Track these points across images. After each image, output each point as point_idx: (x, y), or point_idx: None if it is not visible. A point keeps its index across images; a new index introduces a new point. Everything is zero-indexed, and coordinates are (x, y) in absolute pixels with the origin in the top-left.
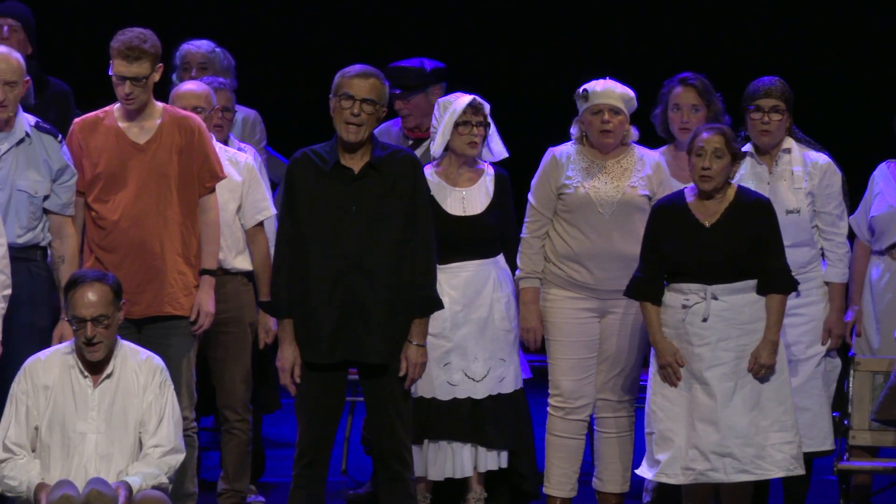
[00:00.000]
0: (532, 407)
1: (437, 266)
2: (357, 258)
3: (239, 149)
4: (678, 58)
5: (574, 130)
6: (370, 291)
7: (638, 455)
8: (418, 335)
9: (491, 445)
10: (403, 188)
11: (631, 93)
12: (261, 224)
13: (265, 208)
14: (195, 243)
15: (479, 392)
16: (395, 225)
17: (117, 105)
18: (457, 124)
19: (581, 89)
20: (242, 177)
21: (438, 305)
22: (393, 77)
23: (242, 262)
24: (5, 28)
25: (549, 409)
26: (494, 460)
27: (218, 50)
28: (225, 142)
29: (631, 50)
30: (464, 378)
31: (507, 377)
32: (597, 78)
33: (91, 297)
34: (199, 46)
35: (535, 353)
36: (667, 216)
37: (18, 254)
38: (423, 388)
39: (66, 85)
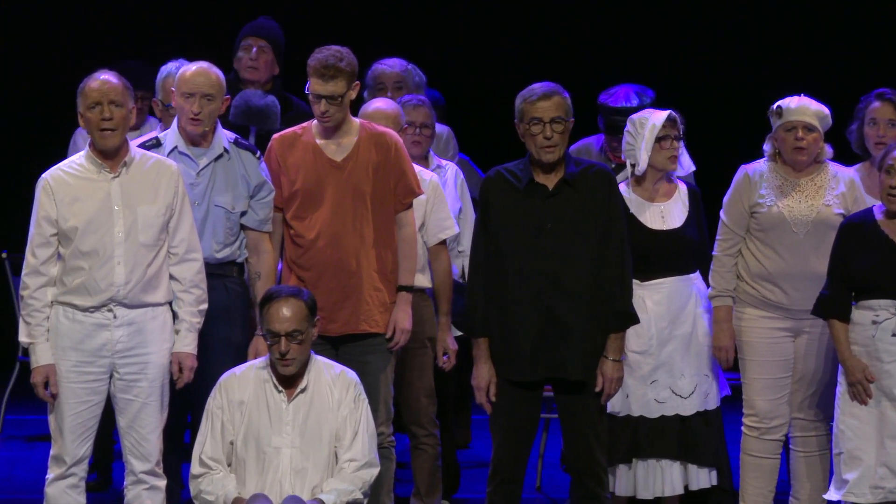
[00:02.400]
0: (727, 426)
1: (639, 282)
2: (554, 275)
3: (439, 165)
4: (876, 74)
5: (767, 147)
6: (569, 308)
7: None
8: (614, 350)
9: (702, 462)
10: (598, 203)
11: (825, 110)
12: (443, 242)
13: (448, 227)
14: (391, 260)
15: (687, 409)
16: (590, 240)
17: (315, 122)
18: (658, 139)
19: (775, 106)
20: (426, 195)
21: (634, 320)
22: (616, 114)
23: (422, 280)
24: (254, 49)
25: (743, 428)
26: (706, 478)
27: (410, 67)
28: (425, 158)
29: (827, 66)
30: (671, 395)
31: (711, 393)
32: (791, 94)
33: (286, 312)
34: (393, 66)
35: (728, 372)
36: (855, 234)
37: (215, 269)
38: (631, 407)
39: (309, 107)
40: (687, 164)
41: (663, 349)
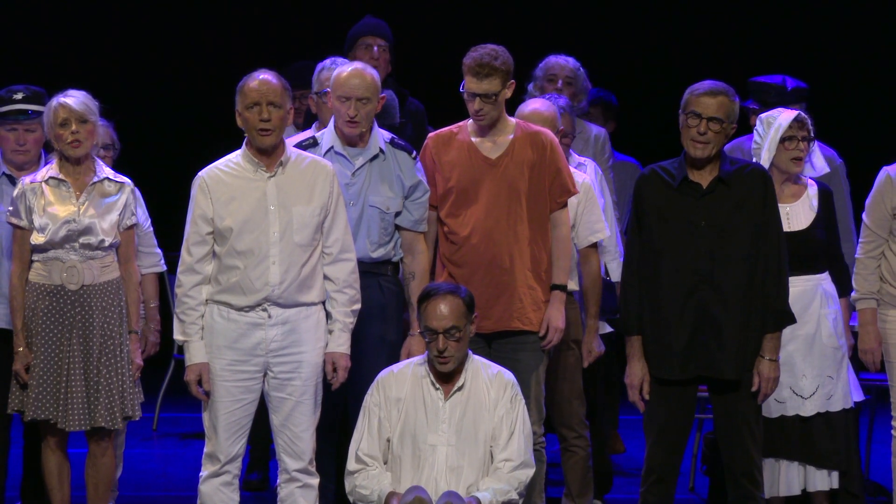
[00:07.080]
0: (877, 427)
1: None
2: (708, 273)
3: (579, 164)
4: None
5: None
6: (722, 306)
7: None
8: (771, 350)
9: (822, 464)
10: (753, 202)
11: None
12: (594, 245)
13: (599, 230)
14: (545, 258)
15: (807, 409)
16: (744, 239)
17: (471, 120)
18: (782, 139)
19: None
20: (577, 197)
21: (791, 319)
22: (753, 92)
23: (570, 283)
24: (375, 48)
25: (893, 431)
26: (824, 480)
27: (581, 70)
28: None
29: None
30: (791, 395)
31: (835, 395)
32: None
33: (443, 309)
34: (567, 61)
35: (875, 373)
36: None
37: (369, 268)
38: None
39: (421, 104)
40: (820, 166)
41: (784, 348)
